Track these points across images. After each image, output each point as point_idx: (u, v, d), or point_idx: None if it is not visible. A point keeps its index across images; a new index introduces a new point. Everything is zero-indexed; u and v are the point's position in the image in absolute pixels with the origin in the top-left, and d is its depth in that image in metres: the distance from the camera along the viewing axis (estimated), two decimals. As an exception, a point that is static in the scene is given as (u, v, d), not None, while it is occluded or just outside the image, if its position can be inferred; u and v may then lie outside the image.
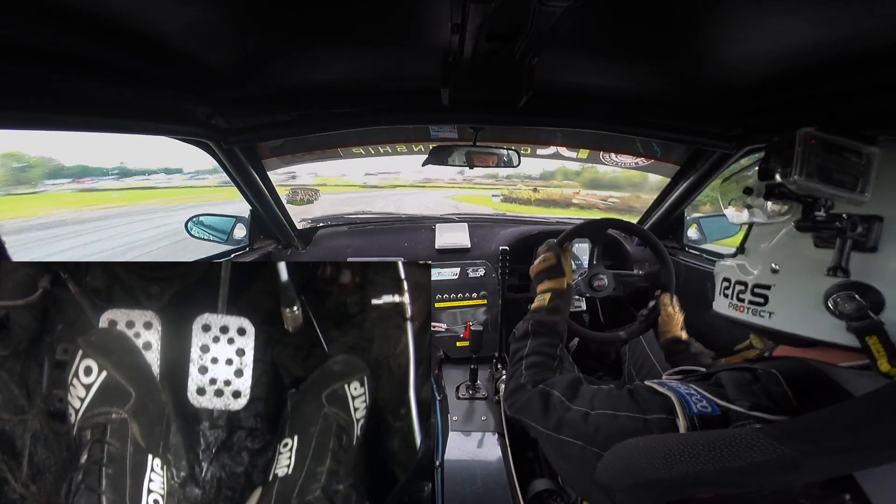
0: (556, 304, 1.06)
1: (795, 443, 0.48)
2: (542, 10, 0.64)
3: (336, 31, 0.82)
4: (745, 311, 0.73)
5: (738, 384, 0.65)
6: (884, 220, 0.59)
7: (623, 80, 1.09)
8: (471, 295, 1.98)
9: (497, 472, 1.26)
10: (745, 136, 1.28)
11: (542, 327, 1.01)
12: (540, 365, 0.92)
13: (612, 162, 2.06)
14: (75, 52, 0.75)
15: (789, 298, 0.67)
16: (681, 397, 0.65)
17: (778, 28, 0.70)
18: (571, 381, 0.82)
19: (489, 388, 1.65)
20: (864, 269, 0.60)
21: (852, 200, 0.61)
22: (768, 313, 0.69)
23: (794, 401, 0.60)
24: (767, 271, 0.70)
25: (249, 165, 1.50)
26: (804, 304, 0.64)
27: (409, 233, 2.18)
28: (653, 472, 0.56)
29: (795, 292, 0.66)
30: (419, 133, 1.83)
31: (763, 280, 0.70)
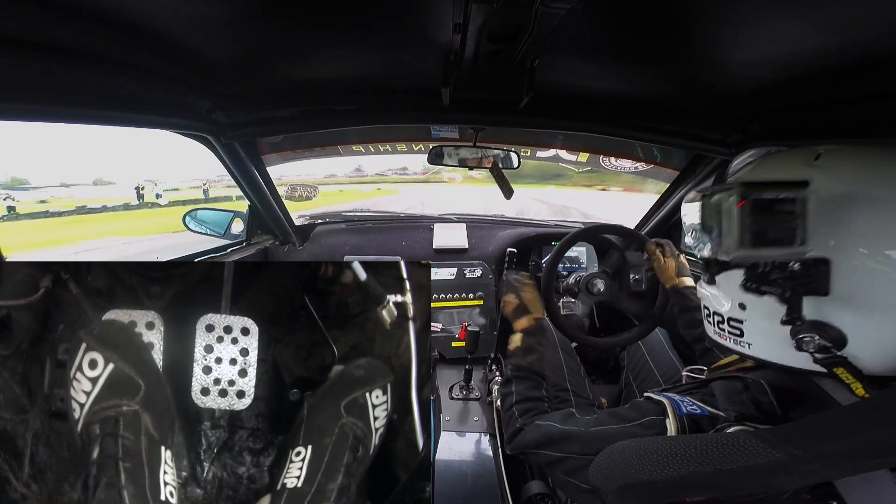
0: (529, 343, 1.07)
1: (787, 447, 0.48)
2: (545, 11, 0.64)
3: (338, 27, 0.82)
4: (727, 339, 0.73)
5: (728, 394, 0.67)
6: (830, 263, 0.57)
7: (624, 83, 1.09)
8: (467, 295, 1.98)
9: (488, 474, 1.26)
10: (744, 142, 1.29)
11: (520, 371, 1.02)
12: (532, 410, 0.94)
13: (612, 166, 2.06)
14: (77, 45, 0.74)
15: (761, 334, 0.67)
16: (672, 401, 0.68)
17: (780, 34, 0.70)
18: (565, 414, 0.86)
19: (482, 389, 1.65)
20: (821, 310, 0.59)
21: (795, 254, 0.57)
22: (747, 344, 0.70)
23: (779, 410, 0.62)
24: (737, 307, 0.69)
25: (249, 161, 1.50)
26: (775, 339, 0.64)
27: (406, 232, 2.18)
28: (644, 474, 0.56)
29: (765, 330, 0.66)
30: (420, 132, 1.83)
31: (735, 314, 0.70)
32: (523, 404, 0.95)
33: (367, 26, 0.82)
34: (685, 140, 1.32)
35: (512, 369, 1.03)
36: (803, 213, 0.55)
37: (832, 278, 0.57)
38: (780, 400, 0.63)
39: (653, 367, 1.41)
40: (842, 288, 0.57)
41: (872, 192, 0.57)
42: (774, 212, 0.55)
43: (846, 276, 0.57)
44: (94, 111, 0.85)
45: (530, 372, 1.01)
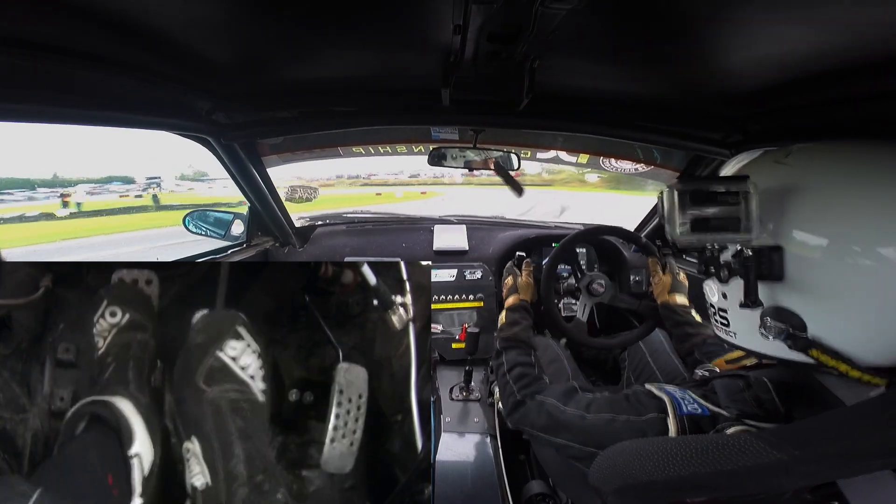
0: (512, 318, 1.17)
1: (788, 448, 0.48)
2: (545, 12, 0.64)
3: (338, 28, 0.82)
4: (720, 330, 0.75)
5: (730, 392, 0.67)
6: (783, 250, 0.61)
7: (624, 84, 1.10)
8: (467, 297, 1.98)
9: (488, 474, 1.26)
10: (744, 143, 1.29)
11: (507, 342, 1.11)
12: (525, 376, 0.98)
13: (612, 167, 2.06)
14: (77, 45, 0.74)
15: (741, 323, 0.69)
16: (673, 399, 0.68)
17: (782, 34, 0.70)
18: (566, 390, 0.86)
19: (483, 391, 1.64)
20: (775, 295, 0.62)
21: (742, 241, 0.62)
22: (733, 333, 0.71)
23: (782, 408, 0.61)
24: (721, 297, 0.72)
25: (249, 162, 1.50)
26: (753, 328, 0.65)
27: (407, 233, 2.18)
28: (644, 474, 0.56)
29: (743, 318, 0.68)
30: (420, 133, 1.83)
31: (721, 304, 0.72)
32: (516, 370, 1.00)
33: (367, 27, 0.82)
34: (685, 141, 1.32)
35: (501, 342, 1.12)
36: (746, 203, 0.61)
37: (786, 265, 0.60)
38: (783, 397, 0.63)
39: (654, 368, 1.41)
40: (795, 275, 0.60)
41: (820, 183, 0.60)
42: (715, 202, 0.62)
43: (798, 263, 0.60)
44: (94, 112, 0.85)
45: (517, 341, 1.10)
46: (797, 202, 0.61)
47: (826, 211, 0.58)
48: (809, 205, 0.60)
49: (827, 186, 0.60)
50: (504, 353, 1.08)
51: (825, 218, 0.58)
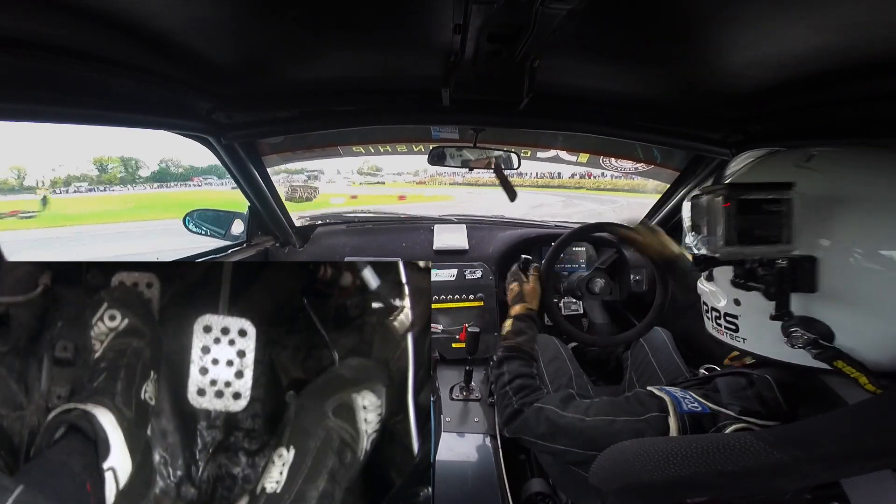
0: (518, 327, 1.13)
1: (789, 448, 0.48)
2: (545, 12, 0.64)
3: (338, 28, 0.82)
4: (724, 334, 0.74)
5: (732, 389, 0.67)
6: (817, 261, 0.59)
7: (624, 84, 1.09)
8: (468, 297, 1.98)
9: (489, 475, 1.26)
10: (745, 143, 1.29)
11: (510, 351, 1.07)
12: (526, 387, 0.96)
13: (612, 167, 2.06)
14: (77, 45, 0.74)
15: (755, 329, 0.68)
16: (673, 398, 0.68)
17: (782, 34, 0.70)
18: (564, 396, 0.85)
19: (483, 390, 1.64)
20: (807, 306, 0.61)
21: (781, 252, 0.59)
22: (742, 339, 0.71)
23: (785, 406, 0.61)
24: (732, 303, 0.71)
25: (249, 162, 1.50)
26: (769, 335, 0.64)
27: (407, 233, 2.18)
28: (645, 474, 0.56)
29: (759, 325, 0.67)
30: (420, 133, 1.83)
31: (730, 310, 0.71)
32: (517, 381, 0.98)
33: (368, 27, 0.82)
34: (685, 141, 1.32)
35: (503, 350, 1.09)
36: (788, 212, 0.57)
37: (819, 276, 0.59)
38: (787, 396, 0.63)
39: (656, 368, 1.41)
40: (828, 285, 0.59)
41: (860, 192, 0.59)
42: (760, 211, 0.57)
43: (833, 273, 0.58)
44: (94, 111, 0.85)
45: (520, 351, 1.07)
46: (839, 212, 0.58)
47: (871, 221, 0.57)
48: (853, 215, 0.58)
49: (871, 195, 0.58)
50: (505, 363, 1.05)
51: (871, 228, 0.57)
